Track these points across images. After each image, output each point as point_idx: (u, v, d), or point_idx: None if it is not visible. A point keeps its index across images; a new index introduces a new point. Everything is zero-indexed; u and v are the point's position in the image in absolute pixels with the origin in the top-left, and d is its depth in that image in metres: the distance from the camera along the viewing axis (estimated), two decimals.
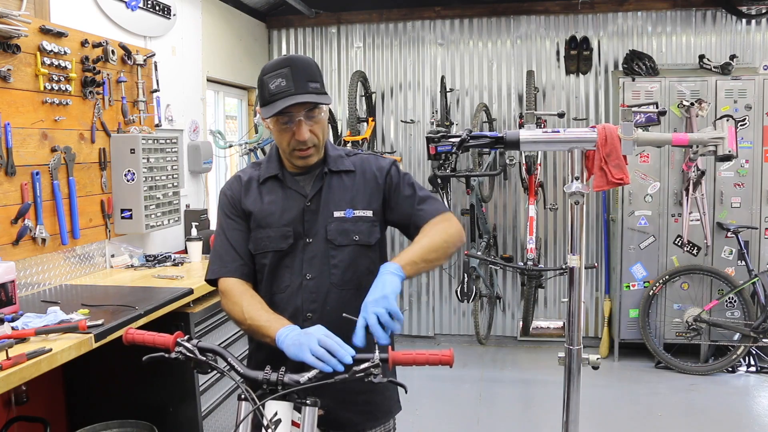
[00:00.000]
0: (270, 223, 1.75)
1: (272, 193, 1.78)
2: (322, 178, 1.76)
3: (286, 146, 1.71)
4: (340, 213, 1.74)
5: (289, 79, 1.63)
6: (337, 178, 1.78)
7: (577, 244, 1.99)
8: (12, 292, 2.38)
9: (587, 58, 5.29)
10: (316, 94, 1.65)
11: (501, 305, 5.52)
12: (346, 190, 1.77)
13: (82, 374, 2.98)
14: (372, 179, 1.79)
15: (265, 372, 1.45)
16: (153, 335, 1.56)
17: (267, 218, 1.76)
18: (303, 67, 1.66)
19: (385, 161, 1.84)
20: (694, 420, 4.06)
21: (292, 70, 1.64)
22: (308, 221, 1.74)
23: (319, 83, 1.67)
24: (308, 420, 1.44)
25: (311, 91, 1.64)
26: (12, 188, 2.70)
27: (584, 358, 2.02)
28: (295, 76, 1.63)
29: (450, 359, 1.44)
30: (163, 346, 1.53)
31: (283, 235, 1.74)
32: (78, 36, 3.07)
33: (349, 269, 1.74)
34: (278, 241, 1.74)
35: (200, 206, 4.31)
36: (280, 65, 1.65)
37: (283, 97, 1.63)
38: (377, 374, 1.42)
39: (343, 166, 1.79)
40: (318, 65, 1.72)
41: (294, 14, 5.50)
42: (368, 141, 5.20)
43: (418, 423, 3.96)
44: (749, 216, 4.81)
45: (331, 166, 1.78)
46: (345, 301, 1.69)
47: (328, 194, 1.76)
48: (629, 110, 2.03)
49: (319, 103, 1.67)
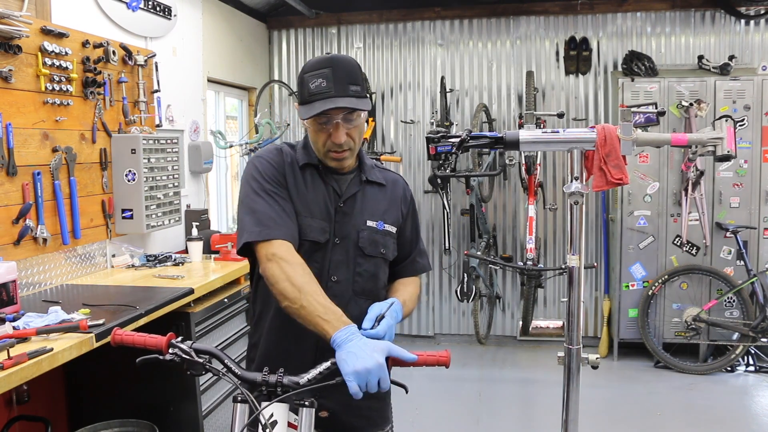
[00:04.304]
0: (313, 212, 1.68)
1: (312, 183, 1.71)
2: (359, 183, 1.74)
3: (321, 146, 1.66)
4: (373, 223, 1.72)
5: (330, 80, 1.58)
6: (371, 187, 1.76)
7: (577, 244, 1.99)
8: (13, 291, 2.38)
9: (587, 59, 5.30)
10: (356, 98, 1.60)
11: (501, 305, 5.53)
12: (379, 201, 1.76)
13: (83, 374, 2.99)
14: (399, 199, 1.81)
15: (263, 374, 1.42)
16: (143, 336, 1.50)
17: (310, 205, 1.68)
18: (345, 69, 1.60)
19: (408, 188, 1.87)
20: (693, 419, 4.07)
21: (334, 71, 1.58)
22: (339, 222, 1.70)
23: (360, 86, 1.62)
24: (305, 421, 1.42)
25: (351, 94, 1.59)
26: (13, 188, 2.70)
27: (584, 357, 2.03)
28: (336, 77, 1.58)
29: (447, 360, 1.45)
30: (154, 347, 1.48)
31: (322, 229, 1.68)
32: (79, 36, 3.08)
33: (371, 280, 1.73)
34: (318, 232, 1.67)
35: (201, 206, 4.32)
36: (322, 65, 1.60)
37: (323, 98, 1.57)
38: None
39: (376, 177, 1.78)
40: (360, 67, 1.67)
41: (294, 15, 5.51)
42: (368, 141, 5.21)
43: (418, 423, 3.96)
44: (748, 216, 4.82)
45: (367, 175, 1.76)
46: (364, 311, 1.58)
47: (364, 201, 1.73)
48: (628, 110, 2.04)
49: (359, 109, 1.62)
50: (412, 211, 1.85)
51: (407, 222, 1.83)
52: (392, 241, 1.77)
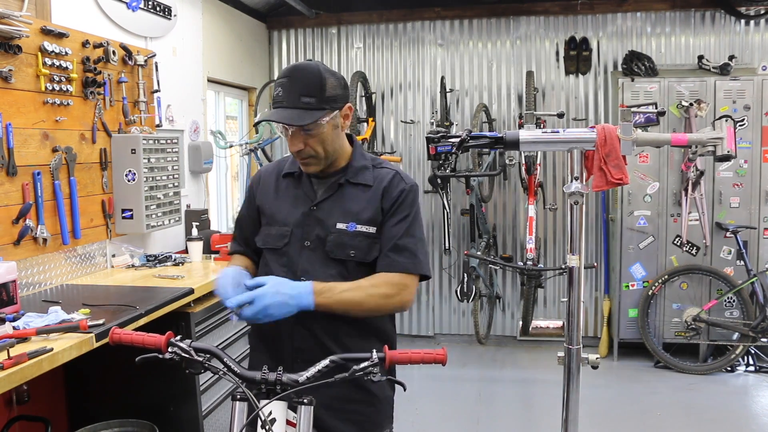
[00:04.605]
0: (276, 220, 1.78)
1: (285, 191, 1.81)
2: (337, 187, 1.74)
3: (292, 153, 1.73)
4: (343, 225, 1.71)
5: (286, 90, 1.63)
6: (353, 189, 1.75)
7: (577, 244, 1.99)
8: (13, 291, 2.38)
9: (587, 59, 5.30)
10: (305, 110, 1.61)
11: (501, 305, 5.53)
12: (356, 203, 1.73)
13: (83, 374, 2.99)
14: (380, 195, 1.74)
15: (263, 372, 1.44)
16: (142, 335, 1.51)
17: (275, 214, 1.79)
18: (301, 80, 1.62)
19: (406, 184, 1.76)
20: (693, 419, 4.07)
21: (290, 81, 1.63)
22: (309, 225, 1.73)
23: (315, 97, 1.62)
24: (304, 419, 1.43)
25: (302, 106, 1.61)
26: (13, 188, 2.70)
27: (583, 357, 2.03)
28: (291, 88, 1.62)
29: (443, 358, 1.45)
30: (153, 346, 1.49)
31: (281, 235, 1.75)
32: (79, 37, 3.08)
33: None
34: (275, 239, 1.76)
35: (201, 206, 4.32)
36: (283, 74, 1.65)
37: (276, 108, 1.64)
38: (376, 373, 1.42)
39: (362, 179, 1.75)
40: (323, 76, 1.64)
41: (294, 15, 5.51)
42: (368, 141, 5.21)
43: (418, 423, 3.96)
44: (748, 216, 4.82)
45: (349, 177, 1.75)
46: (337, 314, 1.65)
47: (337, 204, 1.73)
48: (628, 110, 2.04)
49: (291, 124, 1.62)
50: (400, 205, 1.73)
51: (391, 217, 1.73)
52: (369, 241, 1.71)
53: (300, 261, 1.72)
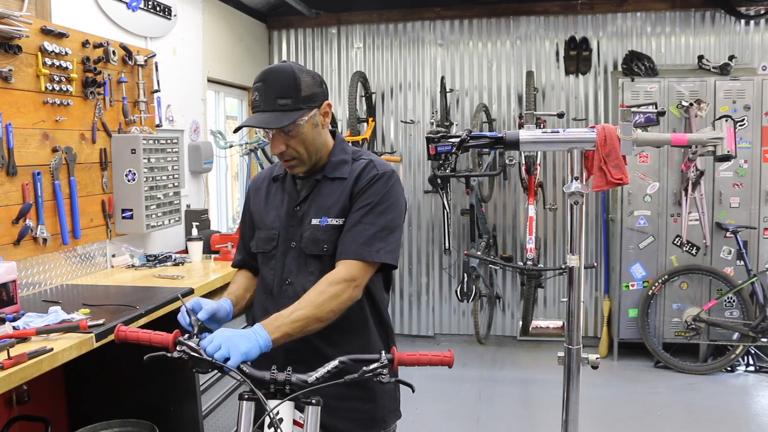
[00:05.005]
0: (264, 224, 1.81)
1: (274, 195, 1.83)
2: (315, 184, 1.75)
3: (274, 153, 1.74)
4: (317, 221, 1.71)
5: (262, 93, 1.64)
6: (330, 184, 1.74)
7: (577, 244, 1.99)
8: (13, 291, 2.38)
9: (587, 59, 5.30)
10: (283, 112, 1.61)
11: (501, 305, 5.53)
12: (329, 197, 1.72)
13: (83, 374, 2.99)
14: (351, 184, 1.71)
15: (271, 372, 1.44)
16: (148, 333, 1.52)
17: (263, 218, 1.82)
18: (276, 82, 1.63)
19: (378, 170, 1.72)
20: (693, 419, 4.07)
21: (265, 85, 1.64)
22: (292, 226, 1.75)
23: (291, 98, 1.62)
24: (312, 419, 1.43)
25: (278, 108, 1.62)
26: (13, 188, 2.70)
27: (583, 357, 2.03)
28: (267, 91, 1.63)
29: (450, 360, 1.47)
30: (160, 344, 1.50)
31: (269, 238, 1.78)
32: (79, 36, 3.08)
33: None
34: (264, 242, 1.79)
35: (201, 206, 4.32)
36: (259, 78, 1.66)
37: (255, 112, 1.66)
38: (385, 374, 1.43)
39: (339, 173, 1.74)
40: (298, 77, 1.64)
41: (294, 15, 5.51)
42: (368, 141, 5.21)
43: (418, 423, 3.96)
44: (748, 216, 4.82)
45: (327, 173, 1.75)
46: None
47: (314, 201, 1.74)
48: (628, 110, 2.04)
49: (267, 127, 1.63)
50: (366, 191, 1.69)
51: (356, 202, 1.69)
52: (340, 233, 1.69)
53: (286, 262, 1.75)
